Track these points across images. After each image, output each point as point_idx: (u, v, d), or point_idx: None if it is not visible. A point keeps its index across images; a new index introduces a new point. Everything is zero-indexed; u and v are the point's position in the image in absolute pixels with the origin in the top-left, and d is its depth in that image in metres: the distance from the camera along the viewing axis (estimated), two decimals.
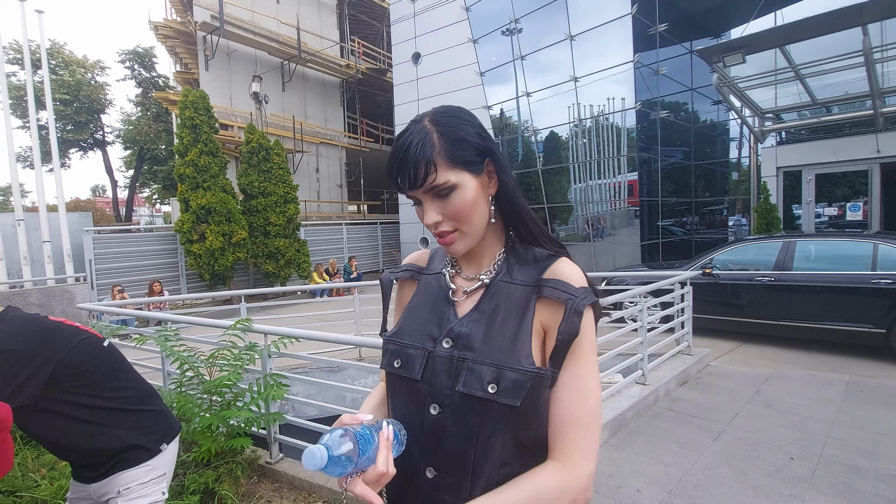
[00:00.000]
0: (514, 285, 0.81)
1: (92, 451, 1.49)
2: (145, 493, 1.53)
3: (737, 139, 13.82)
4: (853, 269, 5.07)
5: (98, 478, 1.51)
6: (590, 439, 0.73)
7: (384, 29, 19.18)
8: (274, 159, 11.59)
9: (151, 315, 5.49)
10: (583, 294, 0.76)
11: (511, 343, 0.76)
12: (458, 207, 0.77)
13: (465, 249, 0.81)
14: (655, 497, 2.64)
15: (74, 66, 20.51)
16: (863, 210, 8.55)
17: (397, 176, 0.77)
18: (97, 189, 43.69)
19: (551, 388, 0.75)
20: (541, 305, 0.78)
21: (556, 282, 0.78)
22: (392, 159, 0.78)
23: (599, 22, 10.40)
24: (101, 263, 9.76)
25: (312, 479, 2.92)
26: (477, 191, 0.78)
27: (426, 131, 0.77)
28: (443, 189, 0.76)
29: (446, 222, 0.78)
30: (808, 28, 6.45)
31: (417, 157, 0.74)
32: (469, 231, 0.79)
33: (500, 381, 0.73)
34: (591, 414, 0.74)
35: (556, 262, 0.81)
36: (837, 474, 2.79)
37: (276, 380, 2.89)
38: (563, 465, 0.72)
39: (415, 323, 0.86)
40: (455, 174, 0.76)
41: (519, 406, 0.72)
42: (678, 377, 4.38)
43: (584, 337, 0.75)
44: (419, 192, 0.77)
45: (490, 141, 0.81)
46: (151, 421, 1.60)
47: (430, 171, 0.75)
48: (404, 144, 0.76)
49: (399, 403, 0.84)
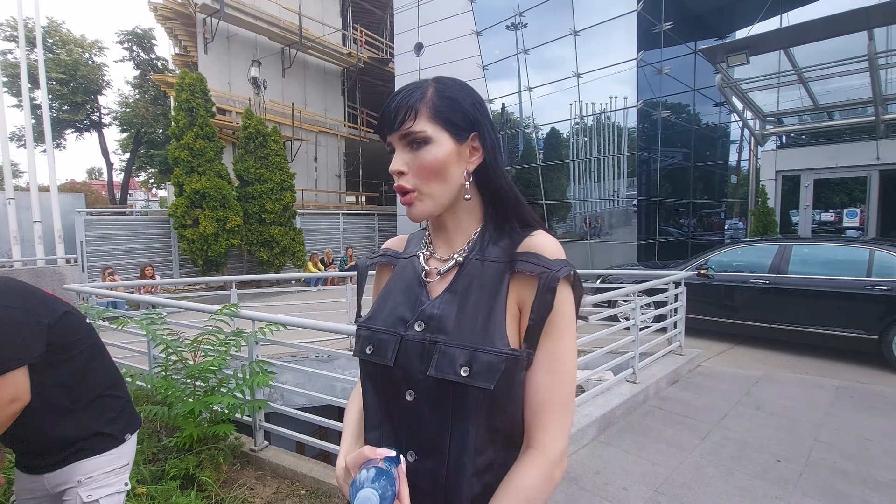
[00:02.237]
0: (487, 262, 0.79)
1: (55, 438, 1.39)
2: (108, 483, 1.46)
3: (737, 142, 13.78)
4: (848, 274, 5.06)
5: (53, 466, 1.41)
6: (564, 420, 0.73)
7: (387, 18, 18.99)
8: (271, 146, 11.48)
9: (139, 298, 5.43)
10: (557, 266, 0.72)
11: (484, 323, 0.73)
12: (425, 162, 0.75)
13: (424, 214, 0.79)
14: (641, 495, 2.63)
15: (72, 45, 20.21)
16: (860, 217, 8.55)
17: (382, 117, 0.79)
18: (93, 171, 43.36)
19: (527, 369, 0.73)
20: (515, 281, 0.75)
21: (529, 254, 0.75)
22: (384, 105, 0.79)
23: (604, 18, 10.32)
24: (92, 245, 9.65)
25: (296, 468, 2.89)
26: (451, 155, 0.77)
27: (424, 85, 0.79)
28: (416, 138, 0.75)
29: (410, 177, 0.77)
30: (813, 31, 6.40)
31: (402, 101, 0.76)
32: (430, 194, 0.77)
33: (472, 364, 0.70)
34: (566, 396, 0.73)
35: (531, 235, 0.79)
36: (824, 478, 2.78)
37: (262, 367, 2.85)
38: (539, 453, 0.71)
39: (387, 307, 0.83)
40: (433, 129, 0.76)
41: (493, 389, 0.69)
42: (669, 376, 4.37)
43: (559, 313, 0.73)
44: (395, 137, 0.77)
45: (484, 117, 0.80)
46: (120, 408, 1.54)
47: (408, 117, 0.75)
48: (398, 91, 0.79)
49: (374, 391, 0.80)
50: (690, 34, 11.57)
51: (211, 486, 2.45)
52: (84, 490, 1.41)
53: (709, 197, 13.47)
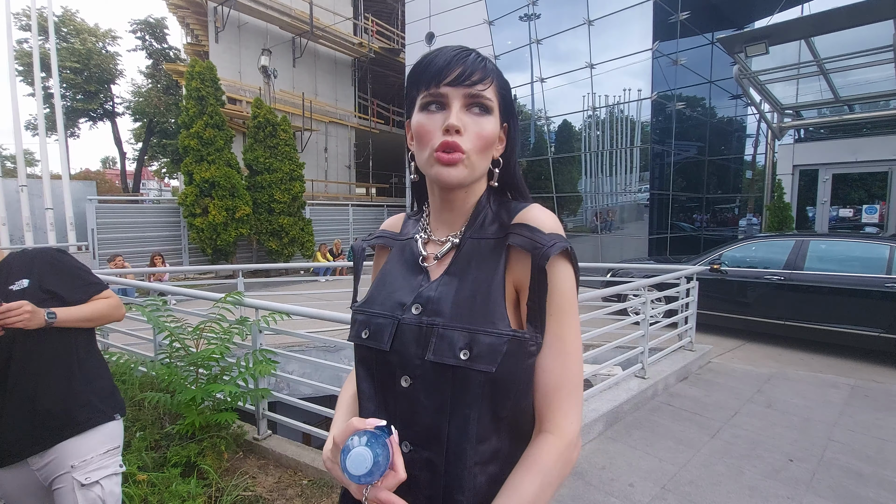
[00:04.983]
0: (484, 240, 0.75)
1: (42, 412, 1.39)
2: (104, 465, 1.44)
3: (753, 136, 13.48)
4: (866, 271, 4.92)
5: (37, 446, 1.38)
6: (576, 401, 0.71)
7: (399, 7, 18.81)
8: (281, 135, 11.46)
9: (145, 285, 5.47)
10: (550, 241, 0.68)
11: (484, 304, 0.69)
12: (485, 131, 0.72)
13: (460, 180, 0.72)
14: (648, 491, 2.57)
15: (85, 34, 20.36)
16: (879, 212, 8.33)
17: (445, 66, 0.70)
18: (107, 161, 43.84)
19: (538, 353, 0.69)
20: (512, 259, 0.72)
21: (523, 227, 0.72)
22: (439, 53, 0.72)
23: (619, 7, 10.11)
24: (103, 233, 9.74)
25: (299, 458, 2.88)
26: (497, 131, 0.75)
27: (482, 55, 0.74)
28: (485, 104, 0.72)
29: (465, 139, 0.71)
30: (836, 19, 6.19)
31: (479, 62, 0.72)
32: (475, 163, 0.73)
33: (472, 347, 0.66)
34: (576, 377, 0.71)
35: (526, 208, 0.75)
36: (837, 478, 2.70)
37: (266, 356, 2.83)
38: (555, 437, 0.68)
39: (385, 291, 0.80)
40: (495, 101, 0.74)
41: (495, 373, 0.65)
42: (678, 372, 4.30)
43: (557, 292, 0.69)
44: (458, 91, 0.70)
45: (515, 109, 0.81)
46: (111, 388, 1.58)
47: (486, 79, 0.71)
48: (460, 48, 0.73)
49: (368, 377, 0.77)
50: (707, 24, 11.29)
51: (211, 474, 2.44)
52: (80, 473, 1.39)
53: (723, 192, 13.23)
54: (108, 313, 1.54)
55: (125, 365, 2.86)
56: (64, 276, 1.49)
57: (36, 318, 1.33)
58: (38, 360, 1.40)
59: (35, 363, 1.40)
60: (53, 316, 1.38)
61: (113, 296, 1.58)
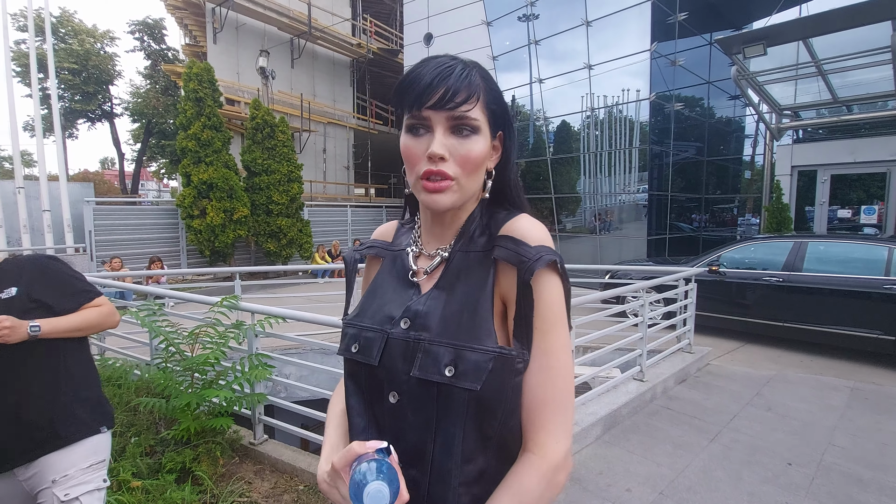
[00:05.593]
0: (472, 253, 0.73)
1: (44, 409, 1.39)
2: (86, 480, 1.40)
3: (751, 136, 13.49)
4: (866, 273, 4.91)
5: (21, 458, 1.36)
6: (563, 419, 0.67)
7: (397, 8, 18.78)
8: (279, 137, 11.44)
9: (140, 288, 5.43)
10: (536, 254, 0.66)
11: (471, 319, 0.67)
12: (473, 153, 0.69)
13: (451, 205, 0.71)
14: (646, 497, 2.55)
15: (83, 35, 20.29)
16: (877, 213, 8.32)
17: (427, 87, 0.67)
18: (106, 162, 43.75)
19: (525, 371, 0.67)
20: (499, 272, 0.70)
21: (507, 239, 0.70)
22: (422, 70, 0.68)
23: (617, 8, 10.10)
24: (101, 235, 9.71)
25: (295, 463, 2.86)
26: (488, 150, 0.73)
27: (469, 66, 0.71)
28: (467, 125, 0.68)
29: (452, 164, 0.68)
30: (834, 20, 6.18)
31: (464, 79, 0.68)
32: (464, 186, 0.71)
33: (458, 364, 0.65)
34: (563, 393, 0.67)
35: (513, 219, 0.73)
36: (837, 484, 2.69)
37: (261, 360, 2.81)
38: (538, 457, 0.66)
39: (375, 304, 0.78)
40: (482, 119, 0.70)
41: (480, 390, 0.63)
42: (677, 375, 4.28)
43: (544, 306, 0.67)
44: (441, 115, 0.67)
45: (510, 116, 0.77)
46: (97, 395, 1.55)
47: (471, 98, 0.68)
48: (444, 63, 0.69)
49: (357, 392, 0.75)
50: (706, 25, 11.29)
51: (206, 481, 2.42)
52: (60, 489, 1.35)
53: (721, 192, 13.23)
54: (98, 322, 1.52)
55: (121, 369, 2.83)
56: (54, 284, 1.46)
57: (17, 332, 1.31)
58: (23, 371, 1.38)
59: (20, 374, 1.37)
60: (37, 328, 1.36)
61: (106, 303, 1.55)
